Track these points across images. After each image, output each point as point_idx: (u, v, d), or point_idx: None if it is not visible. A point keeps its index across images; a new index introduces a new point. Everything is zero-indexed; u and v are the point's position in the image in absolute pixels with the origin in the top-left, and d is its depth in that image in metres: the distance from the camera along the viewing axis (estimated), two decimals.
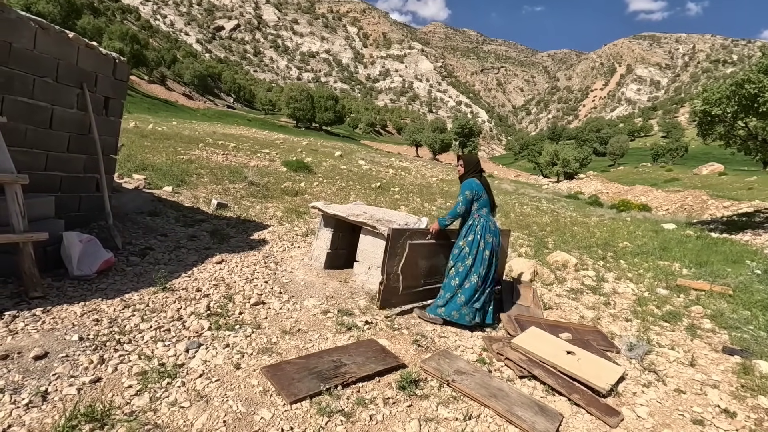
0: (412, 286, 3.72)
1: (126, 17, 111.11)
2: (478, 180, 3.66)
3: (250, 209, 7.02)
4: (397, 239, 3.52)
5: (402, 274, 3.59)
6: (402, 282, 3.61)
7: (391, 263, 3.52)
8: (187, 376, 2.33)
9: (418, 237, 3.66)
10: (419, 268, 3.72)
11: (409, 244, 3.58)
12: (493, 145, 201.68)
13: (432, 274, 3.84)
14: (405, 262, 3.58)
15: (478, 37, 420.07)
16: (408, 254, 3.58)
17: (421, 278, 3.77)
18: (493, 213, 3.74)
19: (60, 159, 3.97)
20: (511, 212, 11.63)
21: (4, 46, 3.28)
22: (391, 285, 3.56)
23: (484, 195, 3.63)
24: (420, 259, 3.71)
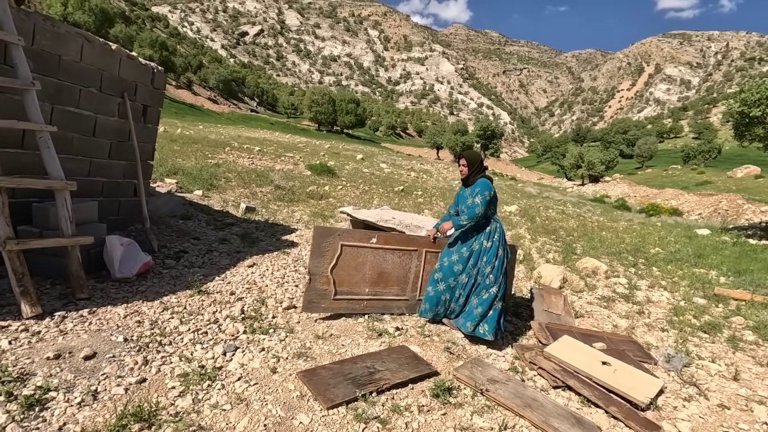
0: (353, 293, 3.43)
1: (155, 25, 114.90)
2: (489, 179, 3.41)
3: (277, 213, 7.14)
4: (324, 237, 3.29)
5: (335, 277, 3.34)
6: (335, 286, 3.34)
7: (317, 262, 3.28)
8: (226, 378, 2.39)
9: (356, 238, 3.41)
10: (362, 273, 3.45)
11: (343, 246, 3.33)
12: (516, 147, 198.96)
13: (386, 283, 3.51)
14: (338, 265, 3.34)
15: (500, 38, 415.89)
16: (342, 257, 3.34)
17: (367, 285, 3.47)
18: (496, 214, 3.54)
19: (102, 165, 4.14)
20: (536, 216, 11.44)
21: (53, 58, 3.45)
22: (317, 287, 3.30)
23: (497, 195, 3.44)
24: (363, 264, 3.44)
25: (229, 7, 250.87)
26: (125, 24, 69.07)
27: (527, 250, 7.17)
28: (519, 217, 10.81)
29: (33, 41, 3.25)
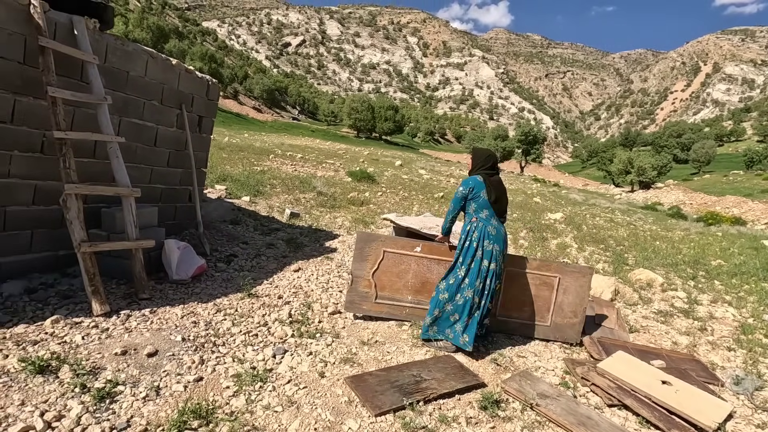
0: (395, 299, 3.47)
1: (205, 39, 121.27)
2: (482, 178, 3.16)
3: (320, 218, 7.29)
4: (367, 242, 3.41)
5: (376, 281, 3.43)
6: (376, 289, 3.43)
7: (359, 266, 3.42)
8: (276, 381, 2.46)
9: (399, 246, 3.47)
10: (405, 280, 3.48)
11: (385, 252, 3.41)
12: (558, 152, 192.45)
13: (429, 293, 3.41)
14: (380, 269, 3.42)
15: (542, 41, 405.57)
16: (384, 262, 3.42)
17: (409, 293, 3.49)
18: (502, 218, 3.24)
19: (161, 173, 4.40)
20: (582, 224, 10.99)
21: (122, 75, 3.73)
22: (359, 289, 3.42)
23: (483, 194, 3.11)
24: (406, 272, 3.47)
25: (273, 20, 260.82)
26: (178, 39, 73.36)
27: (574, 259, 6.89)
28: (564, 225, 10.42)
29: (105, 59, 3.52)
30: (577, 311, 3.61)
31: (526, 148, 57.28)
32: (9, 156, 2.99)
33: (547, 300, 3.58)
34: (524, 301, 3.57)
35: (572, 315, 3.61)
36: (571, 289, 3.58)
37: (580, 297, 3.60)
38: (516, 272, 3.53)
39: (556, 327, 3.61)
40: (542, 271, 3.57)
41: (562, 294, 3.58)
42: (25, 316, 2.74)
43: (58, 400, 2.02)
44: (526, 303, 3.58)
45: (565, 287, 3.57)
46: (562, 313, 3.60)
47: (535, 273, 3.55)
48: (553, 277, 3.56)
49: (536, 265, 3.58)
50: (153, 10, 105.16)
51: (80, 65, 3.30)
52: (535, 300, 3.58)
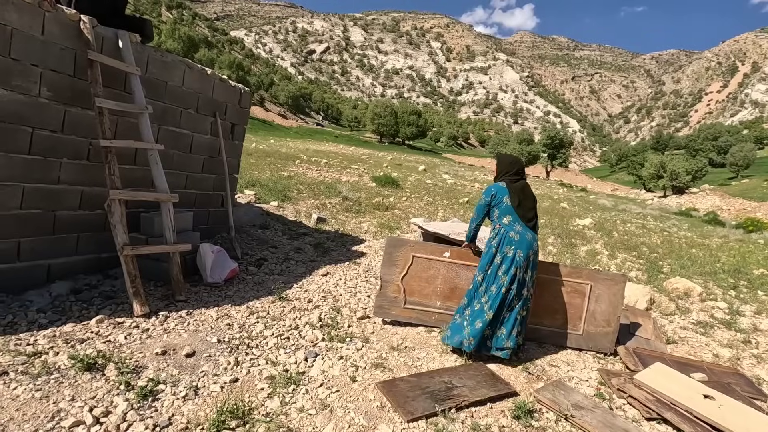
0: (424, 304, 3.47)
1: (233, 48, 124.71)
2: (505, 184, 3.14)
3: (346, 223, 7.35)
4: (396, 247, 3.43)
5: (405, 286, 3.43)
6: (405, 294, 3.44)
7: (388, 271, 3.43)
8: (309, 384, 2.50)
9: (429, 251, 3.46)
10: (434, 286, 3.46)
11: (414, 257, 3.41)
12: (586, 156, 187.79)
13: (459, 298, 3.36)
14: (409, 274, 3.43)
15: (568, 43, 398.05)
16: (413, 267, 3.42)
17: (438, 299, 3.47)
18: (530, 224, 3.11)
19: (195, 179, 4.55)
20: (613, 231, 10.68)
21: (161, 85, 3.89)
22: (388, 294, 3.43)
23: (506, 200, 3.08)
24: (435, 277, 3.46)
25: (298, 28, 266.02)
26: (208, 48, 75.73)
27: (605, 267, 6.70)
28: (594, 232, 10.15)
29: (146, 70, 3.69)
30: (610, 320, 3.51)
31: (552, 153, 56.20)
32: (59, 163, 3.16)
33: (579, 308, 3.50)
34: (556, 308, 3.50)
35: (605, 324, 3.51)
36: (603, 297, 3.49)
37: (614, 305, 3.50)
38: (547, 279, 3.46)
39: (588, 336, 3.52)
40: (573, 278, 3.49)
41: (595, 302, 3.49)
42: (72, 315, 2.88)
43: (105, 396, 2.11)
44: (558, 311, 3.50)
45: (598, 295, 3.49)
46: (594, 322, 3.50)
47: (566, 280, 3.48)
48: (584, 284, 3.48)
49: (567, 272, 3.51)
50: (184, 21, 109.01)
51: (123, 76, 3.47)
52: (567, 308, 3.50)
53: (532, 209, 3.19)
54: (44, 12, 2.86)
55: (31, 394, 2.03)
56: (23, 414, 1.91)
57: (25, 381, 2.10)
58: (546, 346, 3.48)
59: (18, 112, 2.83)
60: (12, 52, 2.74)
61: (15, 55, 2.75)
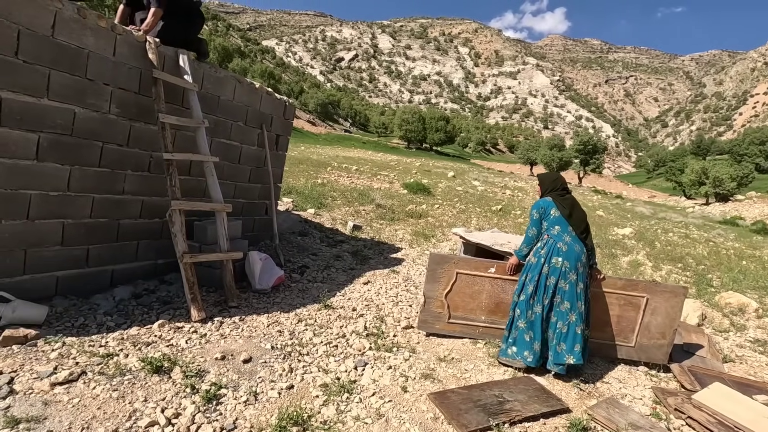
0: (468, 318, 3.47)
1: (265, 57, 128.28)
2: (553, 198, 3.19)
3: (381, 231, 7.42)
4: (439, 264, 3.42)
5: (449, 302, 3.44)
6: (449, 310, 3.45)
7: (432, 287, 3.43)
8: (362, 393, 2.54)
9: (473, 267, 3.44)
10: (478, 301, 3.46)
11: (458, 273, 3.41)
12: (620, 162, 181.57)
13: (504, 313, 3.38)
14: (453, 291, 3.43)
15: (601, 45, 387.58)
16: (457, 283, 3.42)
17: (483, 313, 3.47)
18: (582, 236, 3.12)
19: (243, 188, 4.73)
20: (655, 241, 10.29)
21: (214, 99, 4.08)
22: (432, 309, 3.44)
23: (555, 212, 3.12)
24: (479, 292, 3.45)
25: (327, 36, 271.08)
26: (241, 58, 78.21)
27: (650, 278, 6.47)
28: (635, 241, 9.81)
29: (202, 86, 3.88)
30: (666, 332, 3.43)
31: (584, 158, 54.67)
32: (124, 175, 3.37)
33: (633, 321, 3.42)
34: (606, 321, 3.43)
35: (660, 336, 3.43)
36: (660, 310, 3.40)
37: (671, 318, 3.42)
38: (597, 293, 3.40)
39: (641, 348, 3.44)
40: (628, 290, 3.41)
41: (650, 314, 3.41)
42: (135, 319, 3.05)
43: (174, 398, 2.23)
44: (608, 323, 3.43)
45: (654, 307, 3.40)
46: (648, 334, 3.42)
47: (619, 293, 3.40)
48: (640, 297, 3.40)
49: (621, 285, 3.43)
50: (219, 32, 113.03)
51: (182, 92, 3.66)
52: (618, 320, 3.43)
53: (584, 222, 3.18)
54: (116, 35, 3.07)
55: (109, 394, 2.16)
56: (104, 413, 2.04)
57: (102, 381, 2.24)
58: (595, 362, 3.41)
59: (91, 128, 3.04)
60: (88, 73, 2.95)
61: (90, 76, 2.97)
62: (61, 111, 2.84)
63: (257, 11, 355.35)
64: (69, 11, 2.77)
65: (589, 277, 3.19)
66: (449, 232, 8.13)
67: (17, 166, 2.68)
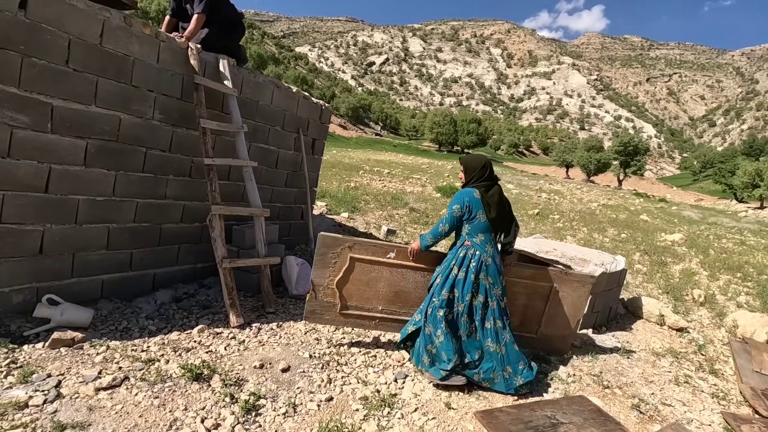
0: (364, 309, 3.09)
1: (298, 63, 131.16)
2: (479, 192, 2.73)
3: (415, 236, 7.27)
4: (330, 247, 2.95)
5: (341, 291, 3.02)
6: (341, 299, 3.03)
7: (321, 273, 2.99)
8: (403, 408, 2.43)
9: (370, 252, 3.00)
10: (375, 289, 3.06)
11: (352, 259, 2.98)
12: (663, 163, 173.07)
13: (404, 303, 3.08)
14: (346, 278, 3.00)
15: (642, 42, 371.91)
16: (349, 269, 3.00)
17: (380, 303, 3.09)
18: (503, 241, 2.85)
19: (280, 192, 4.73)
20: (709, 248, 9.61)
21: (253, 104, 4.09)
22: (321, 298, 3.02)
23: (481, 216, 2.70)
24: (377, 280, 3.05)
25: (359, 41, 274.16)
26: (275, 64, 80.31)
27: (706, 289, 6.01)
28: (686, 248, 9.21)
29: (241, 91, 3.89)
30: (571, 322, 3.34)
31: (624, 160, 52.38)
32: (166, 180, 3.41)
33: (539, 311, 3.27)
34: (512, 311, 3.13)
35: (565, 326, 3.34)
36: (567, 300, 3.27)
37: (577, 308, 3.32)
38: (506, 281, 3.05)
39: (544, 338, 3.34)
40: (537, 280, 3.23)
41: (557, 304, 3.26)
42: (176, 324, 3.06)
43: (213, 408, 2.18)
44: (514, 313, 3.16)
45: (561, 297, 3.26)
46: (553, 324, 3.31)
47: (527, 282, 3.21)
48: (547, 286, 3.23)
49: (530, 274, 3.23)
50: (254, 40, 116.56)
51: (221, 97, 3.68)
52: (525, 310, 3.27)
53: (510, 219, 2.89)
54: (159, 42, 3.11)
55: (150, 401, 2.15)
56: (145, 421, 2.02)
57: (144, 388, 2.23)
58: (655, 381, 3.14)
59: (136, 134, 3.10)
60: (133, 80, 3.00)
61: (135, 83, 3.02)
62: (108, 117, 2.90)
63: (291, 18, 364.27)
64: (116, 20, 2.83)
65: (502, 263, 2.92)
66: None
67: (67, 172, 2.75)
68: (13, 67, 2.41)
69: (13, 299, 2.64)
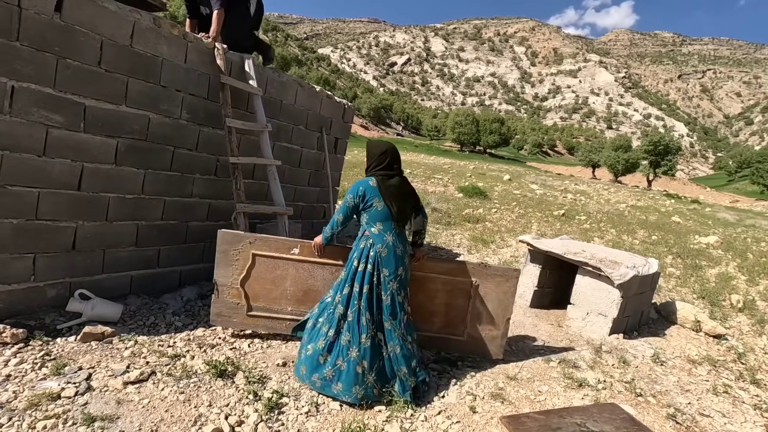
0: (272, 310, 2.91)
1: (320, 64, 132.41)
2: (376, 181, 2.53)
3: (437, 236, 7.20)
4: (232, 244, 2.81)
5: (246, 291, 2.86)
6: (248, 300, 2.86)
7: (224, 273, 2.84)
8: (426, 410, 2.38)
9: (273, 248, 2.85)
10: (282, 288, 2.90)
11: (255, 255, 2.82)
12: (695, 163, 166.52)
13: (314, 302, 2.84)
14: (250, 276, 2.85)
15: (674, 38, 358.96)
16: (252, 267, 2.84)
17: (289, 303, 2.91)
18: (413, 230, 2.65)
19: (303, 191, 4.75)
20: (747, 251, 9.16)
21: (277, 103, 4.12)
22: (226, 299, 2.85)
23: (378, 203, 2.49)
24: (283, 278, 2.88)
25: (381, 42, 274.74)
26: (298, 66, 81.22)
27: (745, 294, 5.71)
28: (722, 252, 8.80)
29: (265, 90, 3.92)
30: (498, 322, 3.02)
31: (654, 160, 50.64)
32: (192, 179, 3.46)
33: (463, 309, 2.99)
34: (432, 310, 2.97)
35: (492, 327, 3.03)
36: (491, 296, 2.99)
37: (503, 306, 3.02)
38: (422, 276, 2.90)
39: (472, 340, 3.04)
40: (454, 275, 2.96)
41: (480, 302, 2.98)
42: (201, 320, 3.10)
43: (237, 405, 2.19)
44: (435, 313, 2.98)
45: (484, 294, 2.98)
46: (479, 325, 3.02)
47: (445, 277, 2.95)
48: (467, 281, 2.96)
49: (446, 268, 2.97)
50: (278, 42, 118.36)
51: (246, 97, 3.72)
52: (447, 309, 2.99)
53: (412, 210, 2.66)
54: (187, 42, 3.16)
55: (176, 397, 2.17)
56: (171, 415, 2.04)
57: (170, 383, 2.26)
58: (690, 389, 2.99)
59: (164, 133, 3.15)
60: (162, 80, 3.06)
61: (164, 83, 3.07)
62: (138, 117, 2.96)
63: (314, 20, 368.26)
64: (146, 21, 2.88)
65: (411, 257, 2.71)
66: (509, 237, 7.75)
67: (98, 170, 2.82)
68: (49, 69, 2.48)
69: (48, 293, 2.72)
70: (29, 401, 1.94)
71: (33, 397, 1.97)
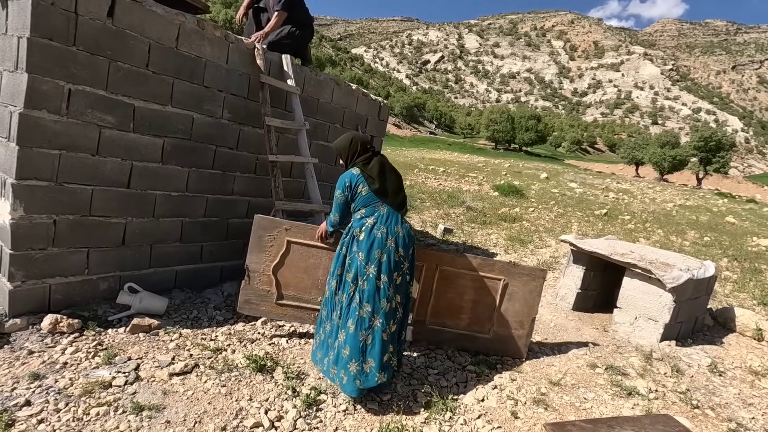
0: (302, 299, 2.85)
1: (354, 64, 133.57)
2: (359, 168, 2.44)
3: (473, 235, 7.07)
4: (267, 230, 2.76)
5: (278, 278, 2.80)
6: (278, 288, 2.81)
7: (257, 258, 2.78)
8: (466, 414, 2.32)
9: (308, 236, 2.77)
10: (314, 278, 2.82)
11: (290, 243, 2.77)
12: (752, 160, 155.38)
13: None
14: (281, 264, 2.79)
15: (727, 27, 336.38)
16: (286, 255, 2.78)
17: (320, 293, 2.81)
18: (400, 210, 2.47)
19: None
20: None
21: (314, 102, 4.15)
22: (257, 286, 2.80)
23: (363, 189, 2.40)
24: (315, 267, 2.80)
25: (414, 40, 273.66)
26: (332, 66, 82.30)
27: None
28: None
29: (303, 89, 3.96)
30: (524, 321, 2.98)
31: (705, 157, 47.66)
32: (233, 177, 3.54)
33: (490, 307, 2.94)
34: (460, 306, 2.94)
35: (518, 326, 2.97)
36: (518, 295, 2.94)
37: (529, 305, 2.98)
38: (451, 272, 2.90)
39: (497, 338, 2.98)
40: (484, 272, 2.90)
41: (507, 300, 2.93)
42: (241, 315, 3.16)
43: (276, 400, 2.22)
44: (464, 310, 2.94)
45: (512, 292, 2.93)
46: (506, 323, 2.97)
47: (474, 274, 2.94)
48: (497, 279, 2.91)
49: (477, 264, 2.95)
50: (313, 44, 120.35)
51: (284, 96, 3.76)
52: (474, 306, 2.95)
53: (400, 189, 2.51)
54: (229, 43, 3.23)
55: (218, 389, 2.22)
56: (213, 408, 2.09)
57: (212, 376, 2.32)
58: (754, 403, 2.76)
59: (206, 132, 3.24)
60: (205, 81, 3.14)
61: (207, 83, 3.16)
62: (182, 117, 3.06)
63: (347, 21, 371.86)
64: (190, 24, 2.97)
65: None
66: (548, 237, 7.49)
67: (146, 169, 2.93)
68: (102, 71, 2.60)
69: (100, 286, 2.86)
70: (83, 388, 2.04)
71: (87, 384, 2.07)
